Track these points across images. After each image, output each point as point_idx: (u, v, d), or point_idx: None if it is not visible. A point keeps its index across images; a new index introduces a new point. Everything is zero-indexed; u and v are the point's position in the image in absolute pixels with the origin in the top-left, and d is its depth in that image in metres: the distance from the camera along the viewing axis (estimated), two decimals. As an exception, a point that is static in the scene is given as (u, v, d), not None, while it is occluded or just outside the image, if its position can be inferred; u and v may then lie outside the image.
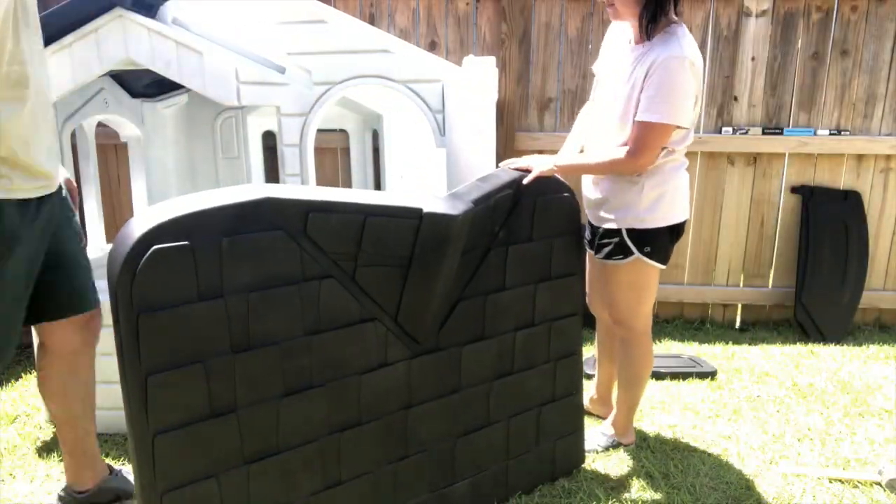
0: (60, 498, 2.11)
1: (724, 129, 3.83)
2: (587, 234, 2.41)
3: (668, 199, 2.20)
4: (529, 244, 2.08)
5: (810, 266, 3.78)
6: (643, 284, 2.31)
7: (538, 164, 2.10)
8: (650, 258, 2.24)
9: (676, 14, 2.07)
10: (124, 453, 2.46)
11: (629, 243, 2.22)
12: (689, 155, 3.86)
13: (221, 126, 3.84)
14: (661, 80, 2.00)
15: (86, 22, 2.37)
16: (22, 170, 1.69)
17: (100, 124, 3.41)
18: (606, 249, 2.27)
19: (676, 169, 2.23)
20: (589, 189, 2.34)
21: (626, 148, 2.08)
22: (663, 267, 2.30)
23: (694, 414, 2.79)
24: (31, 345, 2.71)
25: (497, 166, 2.21)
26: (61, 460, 2.42)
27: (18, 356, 3.45)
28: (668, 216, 2.22)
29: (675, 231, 2.27)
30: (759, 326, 3.99)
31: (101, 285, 2.62)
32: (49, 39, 2.39)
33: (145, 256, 1.48)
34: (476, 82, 2.49)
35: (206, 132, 3.81)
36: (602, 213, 2.27)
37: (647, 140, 2.05)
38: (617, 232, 2.23)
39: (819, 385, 3.09)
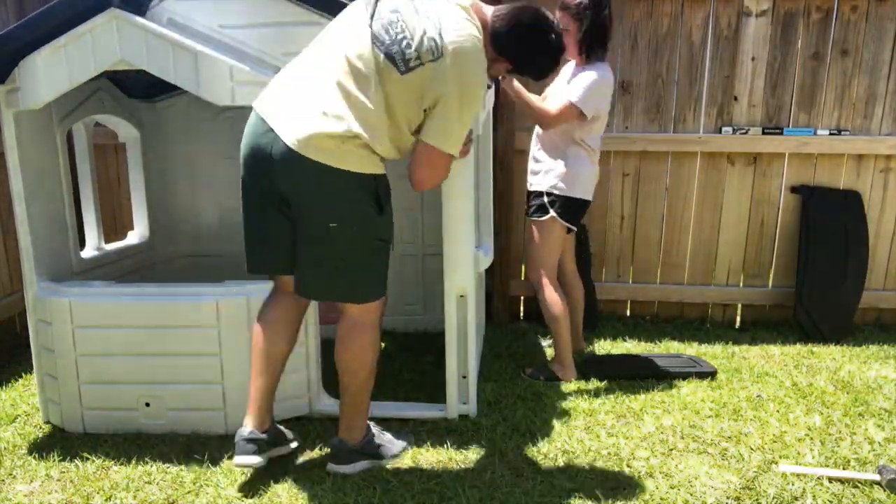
0: (333, 445, 2.34)
1: (724, 129, 3.83)
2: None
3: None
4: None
5: (810, 266, 3.77)
6: None
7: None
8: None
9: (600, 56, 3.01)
10: (123, 453, 2.45)
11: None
12: (689, 155, 3.91)
13: (220, 126, 3.84)
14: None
15: (79, 20, 2.37)
16: None
17: (99, 124, 3.41)
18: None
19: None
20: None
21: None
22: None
23: (694, 414, 2.79)
24: (28, 343, 2.71)
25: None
26: (62, 460, 2.42)
27: (17, 356, 3.45)
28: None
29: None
30: (759, 326, 3.99)
31: (101, 285, 2.64)
32: (43, 39, 2.39)
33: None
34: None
35: (206, 132, 3.81)
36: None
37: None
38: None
39: (819, 385, 3.08)
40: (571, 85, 2.98)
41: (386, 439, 2.43)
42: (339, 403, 2.34)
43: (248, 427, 2.23)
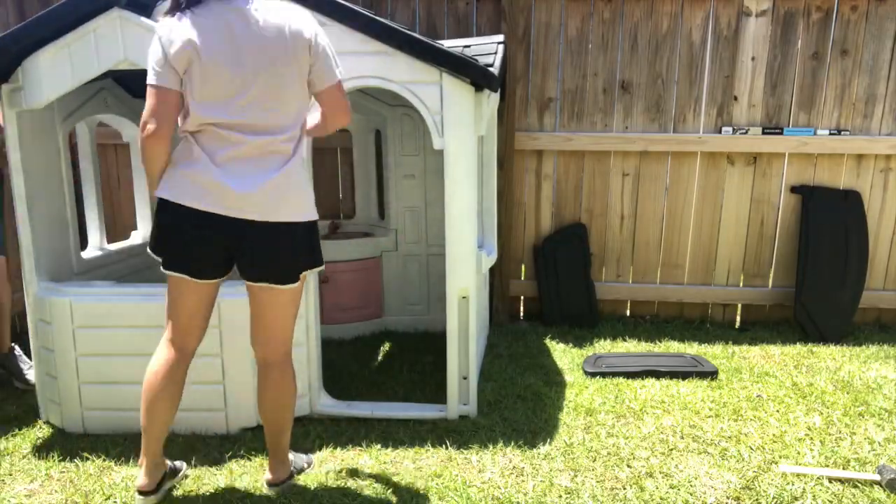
0: None
1: (724, 129, 3.83)
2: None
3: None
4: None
5: (810, 266, 3.78)
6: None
7: None
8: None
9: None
10: (123, 453, 2.46)
11: None
12: (689, 155, 3.92)
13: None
14: None
15: (84, 21, 2.37)
16: None
17: (101, 124, 3.41)
18: None
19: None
20: None
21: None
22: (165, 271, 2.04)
23: (694, 414, 2.79)
24: (28, 344, 2.72)
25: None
26: (62, 460, 2.42)
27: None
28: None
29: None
30: (759, 326, 3.99)
31: (102, 285, 2.65)
32: (48, 38, 2.40)
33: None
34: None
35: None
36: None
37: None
38: None
39: (819, 385, 3.09)
40: None
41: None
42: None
43: None
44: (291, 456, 2.29)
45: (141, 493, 2.09)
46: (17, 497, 2.21)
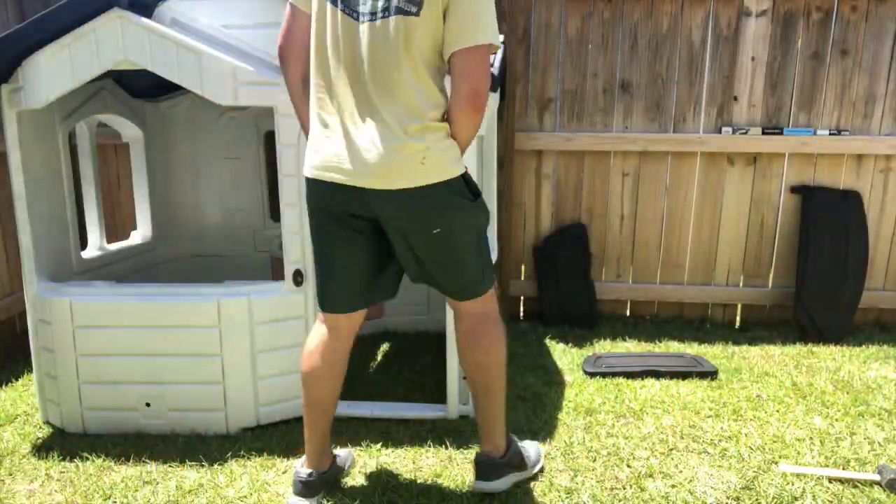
0: (480, 462, 2.18)
1: (724, 129, 3.83)
2: None
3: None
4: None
5: (810, 266, 3.78)
6: None
7: None
8: None
9: None
10: (123, 453, 2.46)
11: None
12: (689, 155, 3.92)
13: (224, 126, 3.84)
14: None
15: (84, 22, 2.37)
16: None
17: (101, 124, 3.41)
18: None
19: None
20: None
21: None
22: None
23: (694, 414, 2.79)
24: (28, 344, 2.71)
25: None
26: (61, 460, 2.42)
27: (17, 356, 3.45)
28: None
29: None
30: (759, 326, 3.99)
31: (102, 285, 2.64)
32: (48, 39, 2.40)
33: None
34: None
35: (209, 132, 3.82)
36: None
37: None
38: None
39: (819, 385, 3.09)
40: None
41: (524, 445, 2.33)
42: (476, 415, 2.20)
43: (305, 468, 2.13)
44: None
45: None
46: (16, 497, 2.22)
